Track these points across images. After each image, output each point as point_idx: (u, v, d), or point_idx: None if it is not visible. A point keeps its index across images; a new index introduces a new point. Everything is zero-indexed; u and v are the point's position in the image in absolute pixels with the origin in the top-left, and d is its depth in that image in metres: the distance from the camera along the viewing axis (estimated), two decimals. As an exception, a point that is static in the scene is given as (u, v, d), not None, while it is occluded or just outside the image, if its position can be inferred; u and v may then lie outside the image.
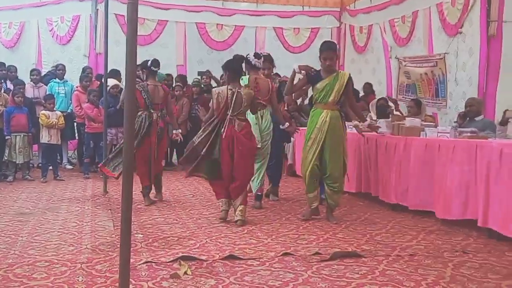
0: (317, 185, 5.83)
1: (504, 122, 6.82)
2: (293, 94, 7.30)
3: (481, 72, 8.00)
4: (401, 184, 6.15)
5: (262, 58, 6.39)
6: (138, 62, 10.11)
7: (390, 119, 7.01)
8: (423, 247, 4.65)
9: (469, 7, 8.20)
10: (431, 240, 4.93)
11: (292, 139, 8.02)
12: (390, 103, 8.85)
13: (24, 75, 10.13)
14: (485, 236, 4.97)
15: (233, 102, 5.50)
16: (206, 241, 4.80)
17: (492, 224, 4.86)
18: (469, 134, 5.61)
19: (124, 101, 2.85)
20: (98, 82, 10.03)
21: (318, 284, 3.66)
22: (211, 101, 5.73)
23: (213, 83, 10.59)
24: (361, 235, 5.08)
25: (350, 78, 5.80)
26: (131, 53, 2.63)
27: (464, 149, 5.27)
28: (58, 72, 10.03)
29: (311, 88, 5.98)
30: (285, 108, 10.02)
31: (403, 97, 10.01)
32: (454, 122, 7.53)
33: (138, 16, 2.70)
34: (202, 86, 10.41)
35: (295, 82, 6.06)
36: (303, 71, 5.90)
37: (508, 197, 4.65)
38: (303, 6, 12.34)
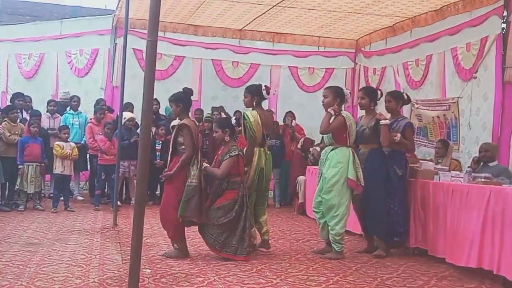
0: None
1: None
2: None
3: (495, 117, 7.97)
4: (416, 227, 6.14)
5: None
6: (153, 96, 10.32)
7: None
8: (434, 294, 4.57)
9: (484, 53, 8.23)
10: (443, 286, 4.85)
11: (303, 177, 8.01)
12: None
13: (39, 105, 10.29)
14: (499, 285, 4.87)
15: None
16: (214, 279, 4.75)
17: (505, 272, 4.76)
18: (483, 180, 5.56)
19: (139, 134, 2.87)
20: (111, 115, 10.14)
21: (327, 328, 3.59)
22: None
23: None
24: (372, 279, 5.01)
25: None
26: (149, 89, 2.66)
27: (478, 195, 5.22)
28: (73, 103, 10.14)
29: None
30: (299, 147, 10.08)
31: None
32: (468, 167, 7.47)
33: (157, 51, 2.74)
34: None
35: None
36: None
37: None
38: (318, 47, 12.46)
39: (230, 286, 4.53)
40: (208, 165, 5.81)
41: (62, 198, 8.75)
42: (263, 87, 6.20)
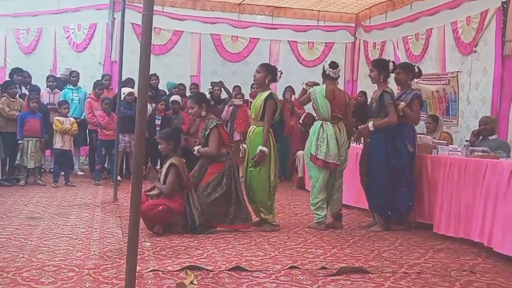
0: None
1: None
2: None
3: (494, 91, 7.98)
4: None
5: (339, 68, 6.26)
6: (151, 71, 10.30)
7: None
8: (430, 265, 4.62)
9: (484, 27, 8.20)
10: (439, 258, 4.90)
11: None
12: None
13: (38, 81, 10.27)
14: (494, 256, 4.93)
15: None
16: (213, 252, 4.81)
17: (496, 244, 4.82)
18: (480, 154, 5.59)
19: (136, 108, 2.89)
20: (113, 90, 10.15)
21: (324, 298, 3.65)
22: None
23: (224, 95, 10.65)
24: (369, 251, 5.07)
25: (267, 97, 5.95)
26: (144, 63, 2.67)
27: (475, 168, 5.26)
28: (72, 79, 10.13)
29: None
30: (300, 122, 10.09)
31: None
32: (466, 140, 7.49)
33: (154, 26, 2.75)
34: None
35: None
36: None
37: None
38: (318, 21, 12.40)
39: (229, 258, 4.59)
40: (200, 147, 5.85)
41: (62, 173, 8.80)
42: (279, 70, 6.21)
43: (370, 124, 6.02)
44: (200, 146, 5.85)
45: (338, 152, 6.05)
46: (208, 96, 6.08)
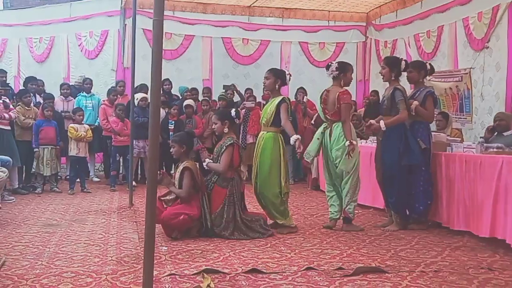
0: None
1: None
2: None
3: (508, 87, 7.92)
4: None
5: (331, 67, 6.13)
6: (164, 76, 10.31)
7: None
8: (448, 264, 4.60)
9: (496, 22, 8.15)
10: (457, 256, 4.87)
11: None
12: None
13: (52, 88, 10.37)
14: (512, 253, 4.90)
15: None
16: (230, 255, 4.82)
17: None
18: (495, 150, 5.55)
19: (149, 115, 2.91)
20: (128, 96, 10.21)
21: (341, 299, 3.65)
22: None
23: (236, 98, 10.67)
24: (385, 251, 5.05)
25: (281, 101, 5.93)
26: (156, 69, 2.69)
27: (490, 165, 5.22)
28: (86, 86, 10.22)
29: None
30: (312, 122, 10.07)
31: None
32: (481, 137, 7.45)
33: (165, 31, 2.77)
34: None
35: None
36: None
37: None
38: (328, 21, 12.39)
39: (245, 260, 4.60)
40: (211, 161, 5.83)
41: (78, 180, 8.86)
42: (288, 73, 6.19)
43: (382, 123, 5.99)
44: (211, 160, 5.86)
45: (331, 153, 6.04)
46: (233, 114, 6.01)
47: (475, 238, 5.41)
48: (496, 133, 6.93)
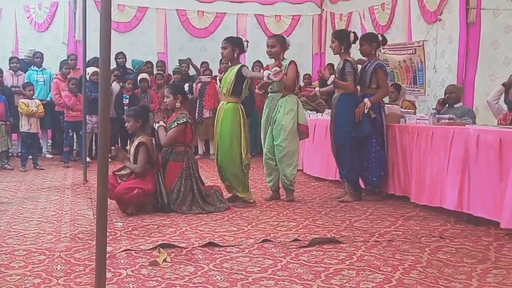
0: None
1: None
2: None
3: (460, 59, 8.06)
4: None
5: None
6: (117, 49, 10.09)
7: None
8: (401, 233, 4.70)
9: (448, -5, 8.25)
10: (409, 226, 4.98)
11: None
12: None
13: (0, 63, 10.03)
14: (463, 222, 5.03)
15: None
16: (186, 229, 4.80)
17: (469, 208, 4.93)
18: (447, 121, 5.67)
19: (99, 88, 2.84)
20: (80, 70, 9.97)
21: (297, 269, 3.68)
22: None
23: (192, 72, 10.55)
24: (340, 222, 5.12)
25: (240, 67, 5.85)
26: (105, 42, 2.61)
27: (441, 136, 5.33)
28: (36, 60, 9.92)
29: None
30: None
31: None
32: (433, 109, 7.60)
33: (118, 2, 2.69)
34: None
35: None
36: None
37: (484, 182, 4.72)
38: (284, -7, 12.33)
39: (202, 235, 4.59)
40: (165, 125, 5.77)
41: (30, 156, 8.65)
42: (244, 39, 6.08)
43: (366, 100, 6.02)
44: (163, 124, 5.78)
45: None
46: (186, 89, 5.93)
47: (428, 208, 5.54)
48: (447, 105, 7.08)
